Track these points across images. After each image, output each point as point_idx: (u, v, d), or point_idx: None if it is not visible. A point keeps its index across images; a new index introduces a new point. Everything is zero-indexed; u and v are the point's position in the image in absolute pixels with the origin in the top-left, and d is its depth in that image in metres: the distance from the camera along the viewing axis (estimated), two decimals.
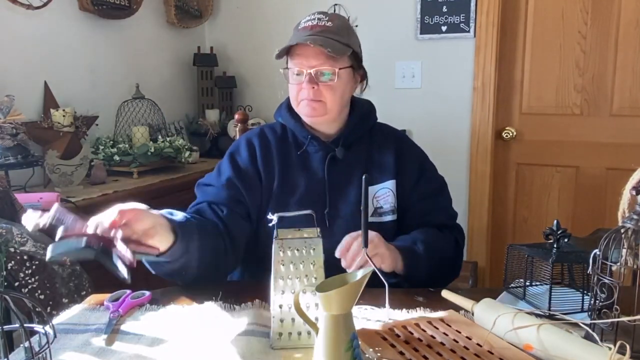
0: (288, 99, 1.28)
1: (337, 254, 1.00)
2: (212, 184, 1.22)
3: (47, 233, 0.96)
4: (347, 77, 1.19)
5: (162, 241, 0.94)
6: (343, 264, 1.00)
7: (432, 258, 1.13)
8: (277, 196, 1.20)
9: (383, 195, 1.23)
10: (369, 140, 1.27)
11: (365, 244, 0.95)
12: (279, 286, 0.84)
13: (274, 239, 0.85)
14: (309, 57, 1.14)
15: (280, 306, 0.84)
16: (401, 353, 0.78)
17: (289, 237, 0.85)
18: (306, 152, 1.24)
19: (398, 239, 1.16)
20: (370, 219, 1.20)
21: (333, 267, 0.93)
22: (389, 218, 1.23)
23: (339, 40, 1.15)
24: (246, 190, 1.19)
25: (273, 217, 0.85)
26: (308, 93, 1.16)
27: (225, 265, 1.14)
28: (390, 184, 1.24)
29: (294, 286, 0.84)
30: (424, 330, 0.85)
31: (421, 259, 1.11)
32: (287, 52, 1.18)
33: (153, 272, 1.04)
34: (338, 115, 1.22)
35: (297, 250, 0.84)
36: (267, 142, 1.25)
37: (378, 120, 1.32)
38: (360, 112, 1.27)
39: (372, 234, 1.05)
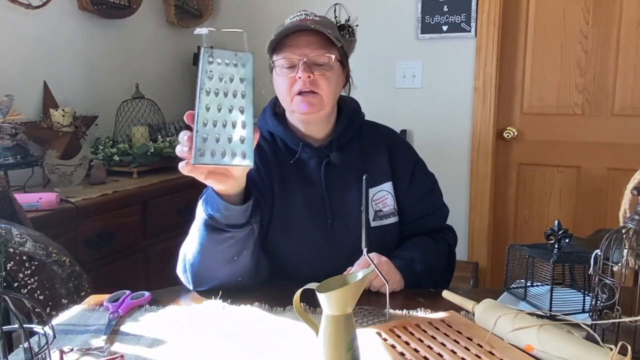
0: (270, 104, 1.24)
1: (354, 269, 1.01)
2: None
3: None
4: (338, 70, 1.16)
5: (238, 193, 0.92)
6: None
7: (429, 275, 1.14)
8: (278, 206, 1.16)
9: (381, 198, 1.20)
10: (359, 141, 1.24)
11: (365, 244, 0.94)
12: (204, 100, 0.77)
13: (202, 48, 0.77)
14: (301, 47, 1.10)
15: (205, 123, 0.78)
16: (402, 354, 0.77)
17: (220, 48, 0.77)
18: (300, 159, 1.18)
19: (396, 256, 1.12)
20: (373, 224, 1.17)
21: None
22: (390, 220, 1.20)
23: (330, 32, 1.12)
24: (262, 199, 1.14)
25: (201, 30, 0.79)
26: (304, 83, 1.09)
27: (257, 275, 1.08)
28: (388, 186, 1.21)
29: (221, 102, 0.78)
30: (425, 331, 0.84)
31: (419, 277, 1.11)
32: (273, 49, 1.13)
33: (208, 255, 0.99)
34: (331, 111, 1.19)
35: (227, 63, 0.78)
36: (263, 152, 1.19)
37: (374, 120, 1.30)
38: (348, 110, 1.23)
39: (381, 260, 1.05)
